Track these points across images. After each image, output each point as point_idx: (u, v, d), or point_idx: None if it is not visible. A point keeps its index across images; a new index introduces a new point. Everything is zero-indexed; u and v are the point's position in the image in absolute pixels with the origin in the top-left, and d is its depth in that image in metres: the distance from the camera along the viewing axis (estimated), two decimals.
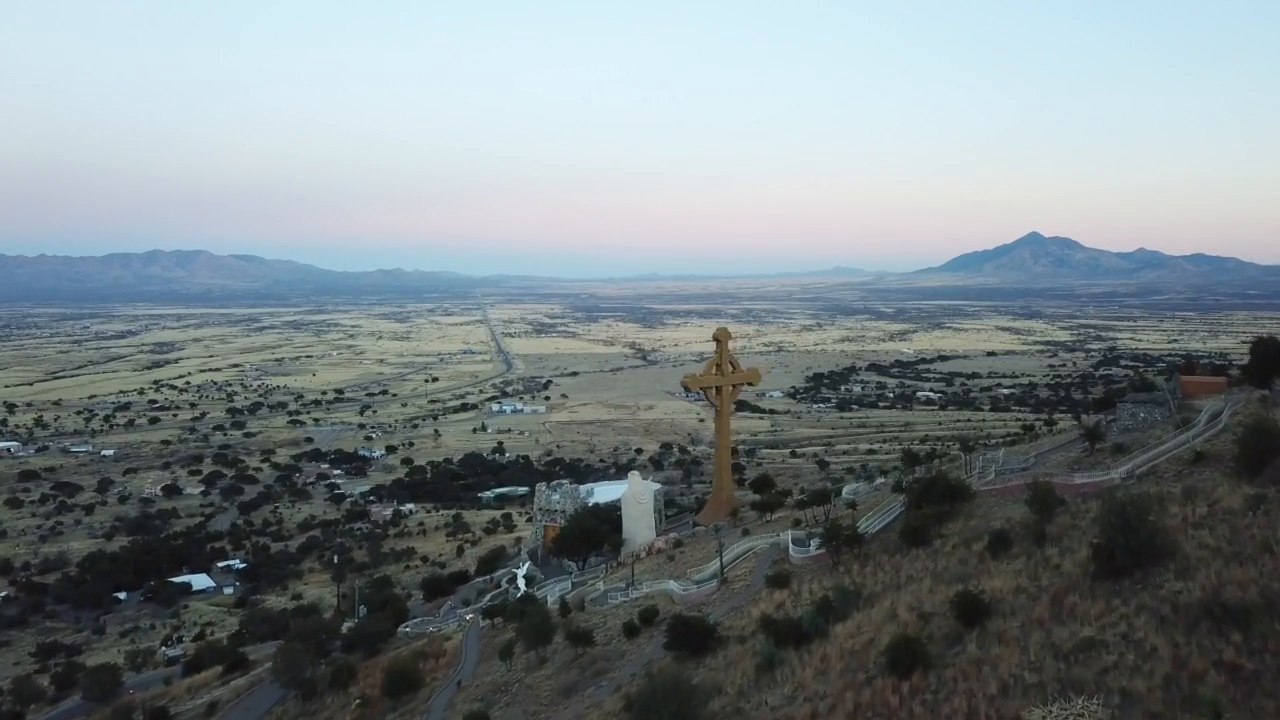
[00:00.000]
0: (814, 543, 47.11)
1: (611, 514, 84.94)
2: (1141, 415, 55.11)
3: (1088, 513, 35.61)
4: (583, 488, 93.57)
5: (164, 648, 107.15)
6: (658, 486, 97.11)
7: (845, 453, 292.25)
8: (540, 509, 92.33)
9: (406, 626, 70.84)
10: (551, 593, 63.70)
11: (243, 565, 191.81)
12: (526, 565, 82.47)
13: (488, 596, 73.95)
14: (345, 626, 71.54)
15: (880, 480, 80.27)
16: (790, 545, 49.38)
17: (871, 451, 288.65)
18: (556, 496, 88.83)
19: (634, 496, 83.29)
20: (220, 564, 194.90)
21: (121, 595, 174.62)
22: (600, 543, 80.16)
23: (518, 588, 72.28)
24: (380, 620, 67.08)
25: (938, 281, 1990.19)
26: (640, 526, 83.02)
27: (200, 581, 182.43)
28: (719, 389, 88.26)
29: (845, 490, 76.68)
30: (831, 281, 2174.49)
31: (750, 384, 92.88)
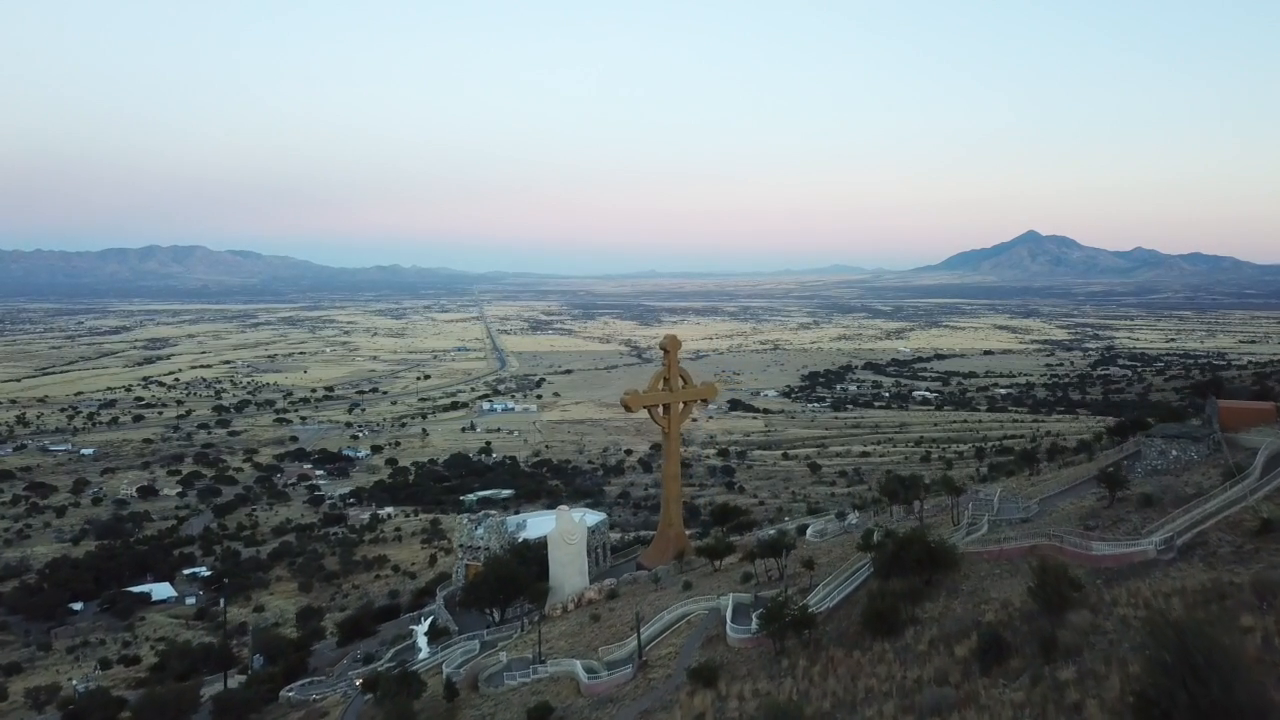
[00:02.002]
0: (756, 616, 37.21)
1: (542, 552, 71.96)
2: (1174, 453, 45.11)
3: (1114, 607, 25.67)
4: (512, 520, 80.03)
5: (75, 683, 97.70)
6: (601, 517, 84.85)
7: (839, 455, 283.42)
8: (462, 545, 78.87)
9: (290, 690, 60.60)
10: (450, 660, 52.77)
11: (208, 573, 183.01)
12: (429, 620, 68.84)
13: (390, 652, 62.81)
14: (228, 681, 61.39)
15: (852, 518, 68.39)
16: (729, 621, 39.46)
17: (865, 454, 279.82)
18: (480, 531, 76.06)
19: (562, 536, 70.07)
20: (186, 571, 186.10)
21: (77, 606, 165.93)
22: (521, 590, 66.08)
23: (417, 647, 61.41)
24: (258, 685, 56.96)
25: (936, 279, 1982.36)
26: (570, 571, 70.34)
27: (161, 591, 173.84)
28: (667, 407, 74.72)
29: (810, 530, 65.52)
30: (829, 279, 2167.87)
31: (705, 400, 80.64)
